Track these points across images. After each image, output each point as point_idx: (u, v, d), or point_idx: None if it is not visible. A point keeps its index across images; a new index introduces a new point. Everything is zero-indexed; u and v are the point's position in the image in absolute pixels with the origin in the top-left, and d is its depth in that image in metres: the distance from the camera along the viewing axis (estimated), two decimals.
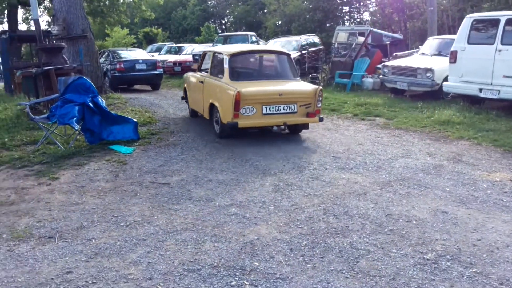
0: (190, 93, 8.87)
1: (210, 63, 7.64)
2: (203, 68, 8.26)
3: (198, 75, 8.25)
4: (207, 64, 7.96)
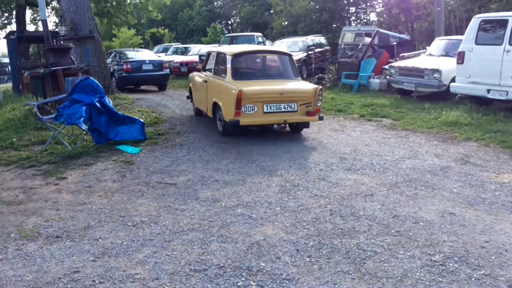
0: (194, 92, 9.07)
1: (214, 63, 7.81)
2: (208, 68, 8.44)
3: (202, 74, 8.43)
4: (211, 64, 8.15)
